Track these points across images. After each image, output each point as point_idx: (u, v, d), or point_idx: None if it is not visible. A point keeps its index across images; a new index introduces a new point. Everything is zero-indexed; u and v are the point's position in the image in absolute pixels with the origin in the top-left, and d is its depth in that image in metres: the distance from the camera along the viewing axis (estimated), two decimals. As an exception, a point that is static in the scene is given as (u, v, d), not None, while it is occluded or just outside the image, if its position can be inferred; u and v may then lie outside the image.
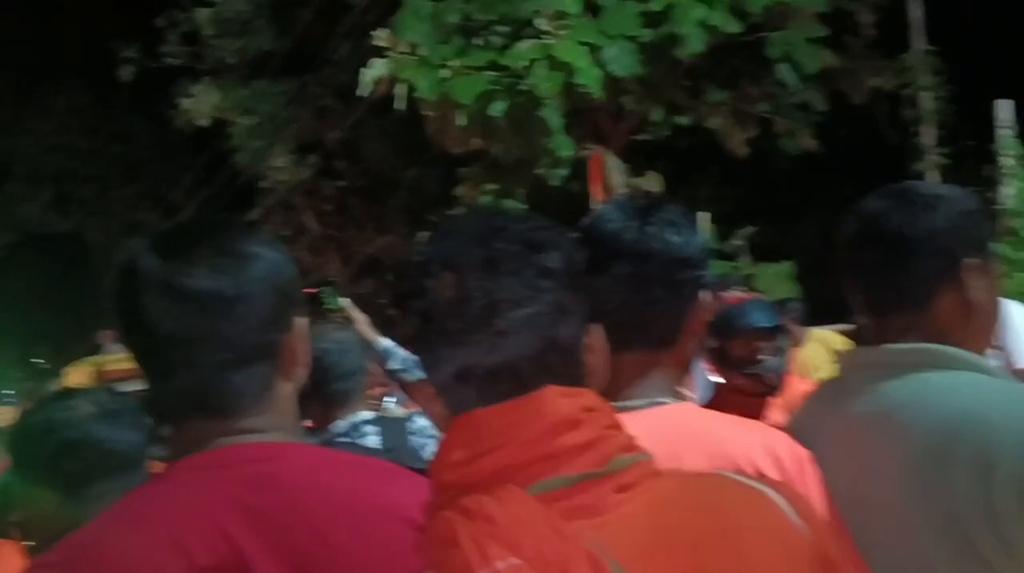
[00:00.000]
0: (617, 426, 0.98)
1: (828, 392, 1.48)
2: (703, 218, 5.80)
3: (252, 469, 1.08)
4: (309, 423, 2.46)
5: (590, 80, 6.18)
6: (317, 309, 3.04)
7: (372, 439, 2.41)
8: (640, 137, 7.97)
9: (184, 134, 14.62)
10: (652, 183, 6.86)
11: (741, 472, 1.14)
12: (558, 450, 0.92)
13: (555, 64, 6.18)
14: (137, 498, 1.11)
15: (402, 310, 1.03)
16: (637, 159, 7.80)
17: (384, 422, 2.52)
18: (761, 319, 2.78)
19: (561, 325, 0.97)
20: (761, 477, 1.09)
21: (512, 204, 7.49)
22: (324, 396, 2.42)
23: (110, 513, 1.10)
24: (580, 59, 6.15)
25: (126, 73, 13.79)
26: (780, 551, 0.91)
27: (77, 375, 10.61)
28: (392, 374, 2.99)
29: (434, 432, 2.49)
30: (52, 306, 33.68)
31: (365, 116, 12.47)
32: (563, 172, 7.15)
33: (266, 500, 1.05)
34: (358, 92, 6.96)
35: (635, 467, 0.95)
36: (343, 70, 11.99)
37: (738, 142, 8.11)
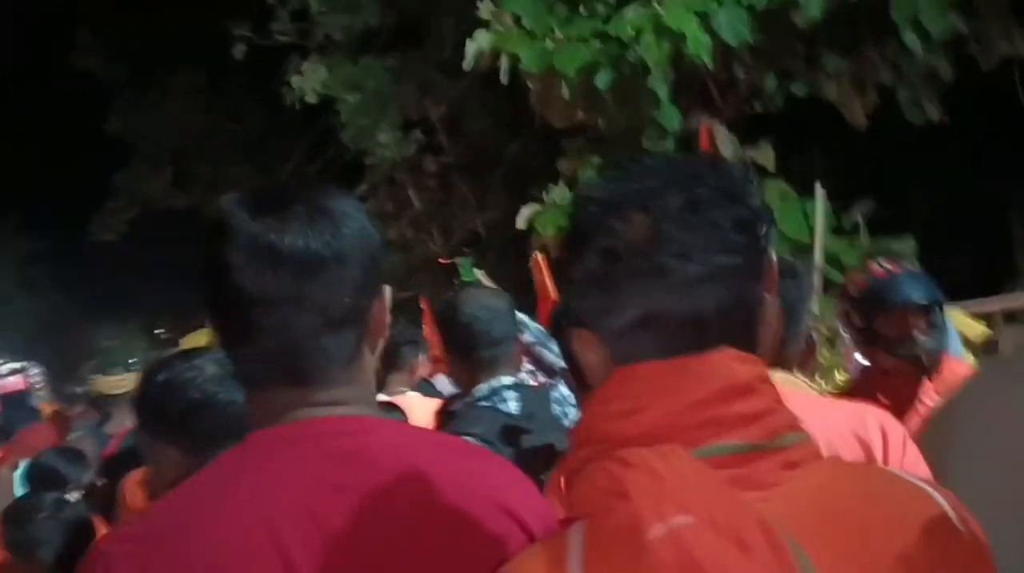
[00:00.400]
0: (783, 402, 0.94)
1: (1001, 373, 1.36)
2: (820, 193, 5.51)
3: (340, 444, 1.02)
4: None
5: (700, 48, 5.94)
6: (453, 279, 3.00)
7: (512, 405, 2.35)
8: (751, 108, 7.66)
9: (294, 111, 14.91)
10: (764, 155, 6.58)
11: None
12: (728, 415, 0.89)
13: (663, 32, 5.96)
14: (223, 471, 1.06)
15: (580, 248, 0.95)
16: (748, 130, 7.50)
17: (525, 388, 2.45)
18: (914, 293, 2.53)
19: (750, 285, 0.93)
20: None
21: (616, 178, 7.33)
22: (472, 361, 2.40)
23: (194, 486, 1.06)
24: (689, 26, 5.92)
25: (238, 52, 14.11)
26: (943, 553, 0.87)
27: (191, 344, 11.03)
28: (527, 348, 2.90)
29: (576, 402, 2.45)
30: (173, 280, 35.33)
31: (468, 91, 12.45)
32: (670, 144, 6.93)
33: (354, 479, 1.00)
34: (464, 66, 6.89)
35: (800, 446, 0.92)
36: (447, 45, 11.99)
37: (857, 112, 7.69)
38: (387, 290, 1.12)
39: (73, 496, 2.80)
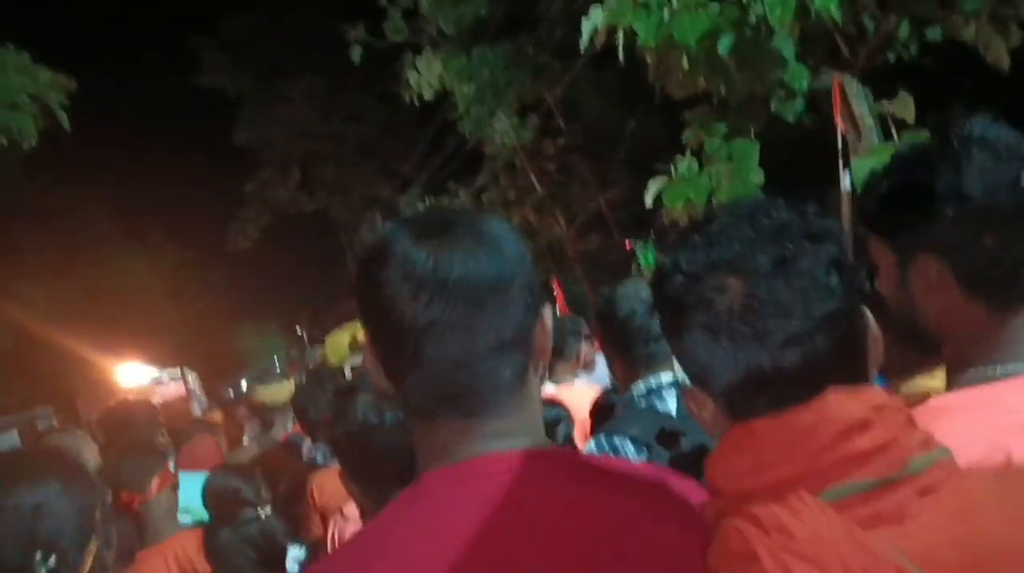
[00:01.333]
0: (911, 422, 0.92)
1: None
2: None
3: (504, 485, 1.00)
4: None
5: (827, 1, 5.69)
6: (634, 266, 2.83)
7: (671, 403, 2.26)
8: (885, 59, 7.29)
9: (411, 108, 15.21)
10: (903, 107, 6.25)
11: None
12: (851, 454, 0.88)
13: (785, -11, 5.75)
14: (400, 515, 1.04)
15: (677, 321, 0.97)
16: (883, 83, 7.15)
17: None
18: None
19: (851, 321, 0.93)
20: None
21: (743, 144, 7.13)
22: (630, 358, 2.31)
23: (376, 527, 1.05)
24: (813, -20, 5.68)
25: (355, 55, 14.49)
26: None
27: (336, 343, 11.45)
28: None
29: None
30: (307, 280, 36.75)
31: (582, 71, 12.39)
32: (799, 105, 6.69)
33: (517, 526, 0.98)
34: (581, 45, 6.84)
35: (936, 468, 0.89)
36: (557, 27, 11.97)
37: (999, 53, 7.21)
38: (548, 311, 1.09)
39: (264, 512, 2.81)
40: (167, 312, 26.04)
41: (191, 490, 3.08)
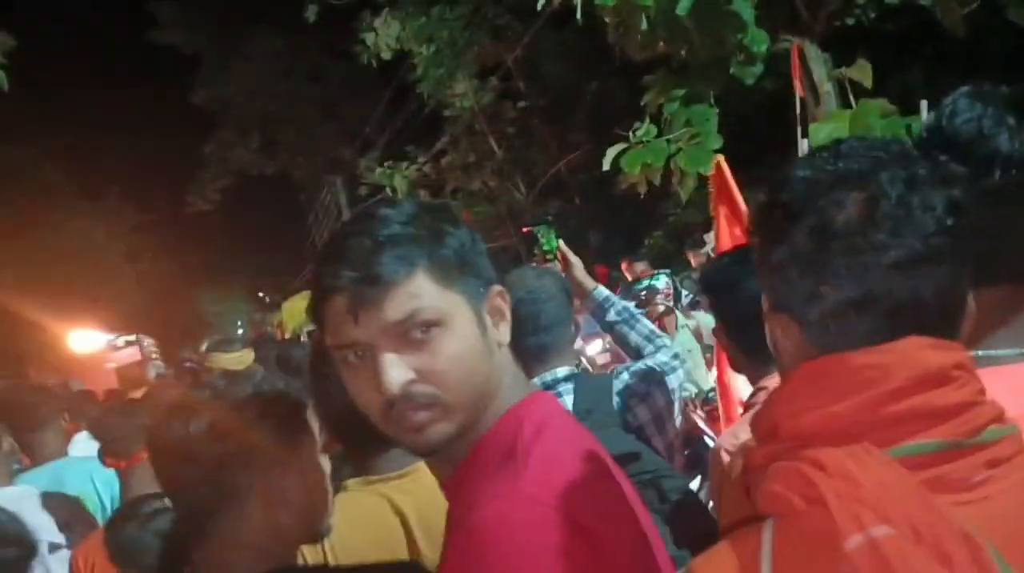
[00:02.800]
0: (984, 392, 0.89)
1: None
2: (925, 109, 5.16)
3: None
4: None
5: (784, -37, 5.60)
6: (532, 251, 2.70)
7: (567, 399, 2.17)
8: (843, 23, 7.23)
9: (371, 69, 14.90)
10: (861, 73, 6.17)
11: None
12: (924, 409, 0.84)
13: (745, -50, 5.64)
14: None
15: (785, 227, 0.91)
16: (842, 48, 7.08)
17: (582, 380, 2.24)
18: None
19: (959, 270, 0.89)
20: None
21: (702, 109, 7.03)
22: (519, 350, 2.21)
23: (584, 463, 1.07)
24: (773, -59, 5.58)
25: (311, 13, 14.12)
26: None
27: (293, 309, 11.29)
28: (609, 327, 2.59)
29: (644, 391, 2.25)
30: (269, 243, 36.35)
31: (542, 32, 12.19)
32: (758, 69, 6.59)
33: None
34: (539, 6, 6.68)
35: (1006, 440, 0.86)
36: (518, -14, 11.74)
37: (955, 18, 7.17)
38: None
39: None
40: (124, 275, 25.59)
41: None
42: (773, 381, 1.81)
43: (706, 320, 6.44)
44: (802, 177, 0.92)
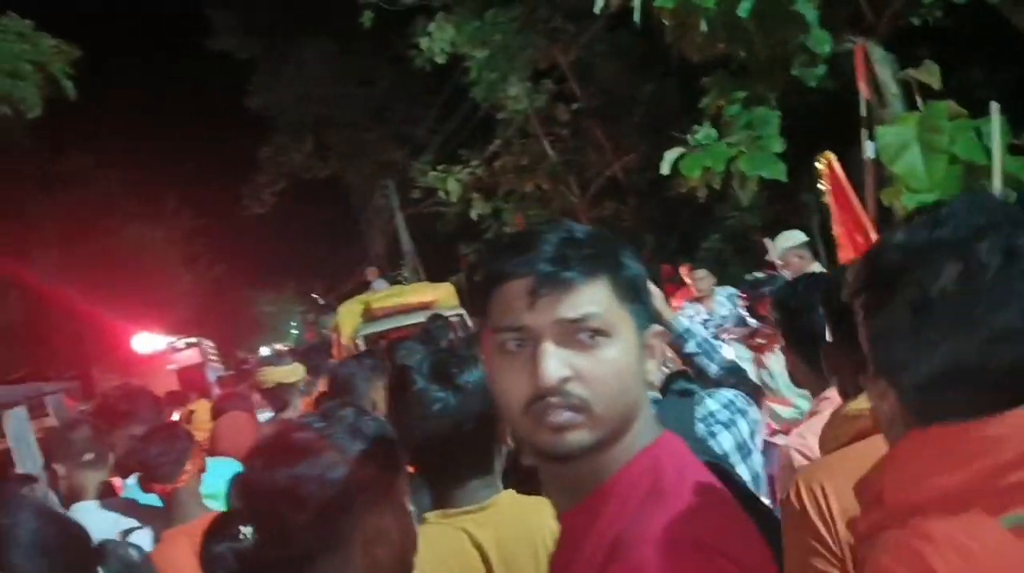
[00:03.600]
0: None
1: None
2: (995, 110, 5.02)
3: None
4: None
5: (849, -37, 5.49)
6: None
7: None
8: (909, 22, 7.06)
9: (424, 73, 14.98)
10: (928, 75, 6.03)
11: None
12: None
13: (808, -50, 5.55)
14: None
15: (884, 296, 0.92)
16: (907, 48, 6.92)
17: (664, 405, 2.21)
18: None
19: None
20: None
21: (763, 111, 6.94)
22: None
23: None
24: (837, -60, 5.48)
25: (365, 19, 14.24)
26: None
27: (348, 312, 11.40)
28: (689, 358, 2.54)
29: (728, 418, 2.22)
30: (322, 245, 36.79)
31: (597, 34, 12.15)
32: (821, 71, 6.48)
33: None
34: (596, 9, 6.65)
35: None
36: (572, -11, 11.70)
37: (1022, 17, 6.97)
38: None
39: None
40: (183, 279, 26.08)
41: (217, 477, 3.03)
42: (833, 393, 1.99)
43: None
44: (898, 244, 0.92)
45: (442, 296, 11.28)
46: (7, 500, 1.57)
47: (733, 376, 2.38)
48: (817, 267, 6.22)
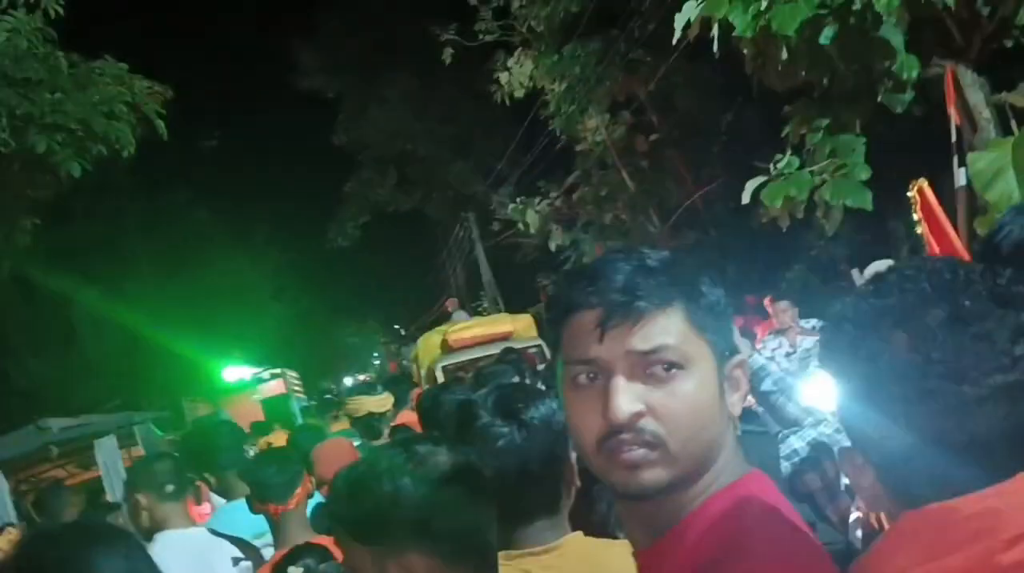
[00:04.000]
0: None
1: None
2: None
3: None
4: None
5: (937, -15, 5.33)
6: None
7: None
8: (1001, 45, 6.81)
9: (503, 107, 15.16)
10: (1023, 98, 5.81)
11: None
12: None
13: (893, -26, 5.40)
14: None
15: (841, 372, 0.91)
16: (1000, 72, 6.67)
17: (746, 441, 2.19)
18: None
19: None
20: None
21: (848, 139, 6.77)
22: None
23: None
24: (924, -37, 5.33)
25: (446, 55, 14.51)
26: None
27: (428, 343, 11.49)
28: (764, 397, 2.48)
29: (813, 458, 2.15)
30: (404, 277, 37.40)
31: (675, 65, 12.09)
32: (908, 96, 6.29)
33: None
34: (673, 40, 6.61)
35: None
36: (649, 21, 11.69)
37: None
38: None
39: None
40: (269, 311, 26.75)
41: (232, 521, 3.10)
42: None
43: None
44: (850, 318, 0.92)
45: (521, 327, 11.29)
46: (98, 532, 1.60)
47: (812, 416, 2.29)
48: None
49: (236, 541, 3.06)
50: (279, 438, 4.65)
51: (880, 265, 6.07)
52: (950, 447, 0.82)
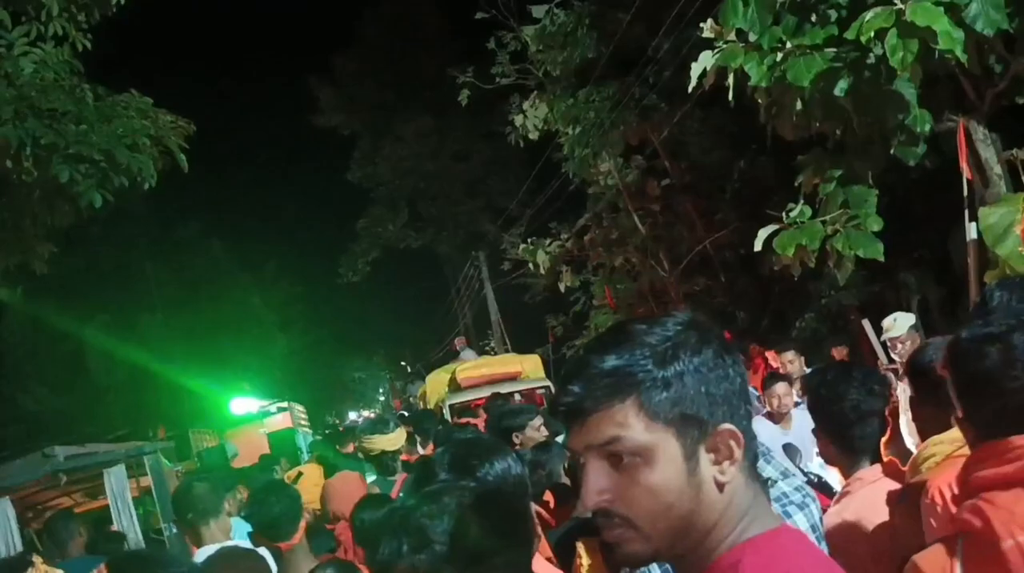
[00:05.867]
0: None
1: None
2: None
3: None
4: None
5: (952, 43, 5.38)
6: None
7: None
8: (1012, 101, 6.88)
9: (517, 148, 15.29)
10: (1033, 154, 5.86)
11: None
12: None
13: (908, 31, 5.48)
14: None
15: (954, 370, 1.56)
16: (1011, 128, 6.73)
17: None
18: None
19: None
20: None
21: (861, 190, 6.82)
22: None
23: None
24: (939, 21, 5.39)
25: (462, 97, 14.69)
26: None
27: (435, 381, 11.49)
28: None
29: (800, 500, 2.21)
30: (412, 314, 37.45)
31: (690, 112, 12.21)
32: (921, 150, 6.34)
33: None
34: (689, 88, 6.70)
35: None
36: (664, 69, 11.84)
37: None
38: None
39: None
40: (277, 344, 26.77)
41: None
42: (864, 472, 2.31)
43: None
44: (961, 337, 1.54)
45: (529, 368, 11.28)
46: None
47: (786, 479, 2.33)
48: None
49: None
50: (311, 471, 4.70)
51: (907, 315, 6.10)
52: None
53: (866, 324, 7.01)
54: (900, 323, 5.93)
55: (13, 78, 6.57)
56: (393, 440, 4.62)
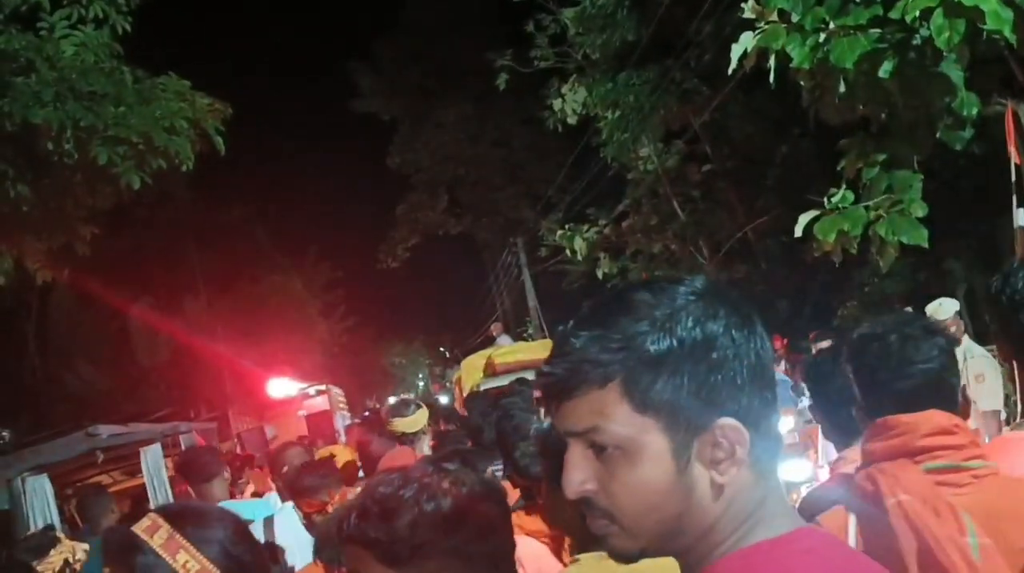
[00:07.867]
0: (975, 442, 1.71)
1: None
2: None
3: None
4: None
5: (1000, 23, 5.20)
6: None
7: None
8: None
9: (556, 133, 15.21)
10: (1087, 137, 5.66)
11: None
12: (939, 446, 1.66)
13: (955, 10, 5.30)
14: None
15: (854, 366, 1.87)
16: (1063, 110, 6.51)
17: None
18: None
19: (949, 375, 1.78)
20: None
21: (905, 175, 6.64)
22: None
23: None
24: (987, 0, 5.22)
25: (500, 80, 14.64)
26: None
27: (471, 365, 11.50)
28: None
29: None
30: (451, 299, 37.62)
31: (731, 95, 12.03)
32: (968, 134, 6.16)
33: None
34: (729, 71, 6.57)
35: (984, 468, 1.65)
36: (705, 51, 11.66)
37: None
38: None
39: None
40: (318, 328, 27.05)
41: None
42: (852, 452, 2.35)
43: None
44: (854, 337, 1.87)
45: (565, 354, 11.22)
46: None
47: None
48: (966, 339, 5.92)
49: None
50: (341, 452, 4.86)
51: (951, 302, 5.97)
52: (910, 392, 1.74)
53: (932, 307, 6.84)
54: (946, 307, 5.85)
55: (54, 61, 6.65)
56: (411, 422, 4.73)
